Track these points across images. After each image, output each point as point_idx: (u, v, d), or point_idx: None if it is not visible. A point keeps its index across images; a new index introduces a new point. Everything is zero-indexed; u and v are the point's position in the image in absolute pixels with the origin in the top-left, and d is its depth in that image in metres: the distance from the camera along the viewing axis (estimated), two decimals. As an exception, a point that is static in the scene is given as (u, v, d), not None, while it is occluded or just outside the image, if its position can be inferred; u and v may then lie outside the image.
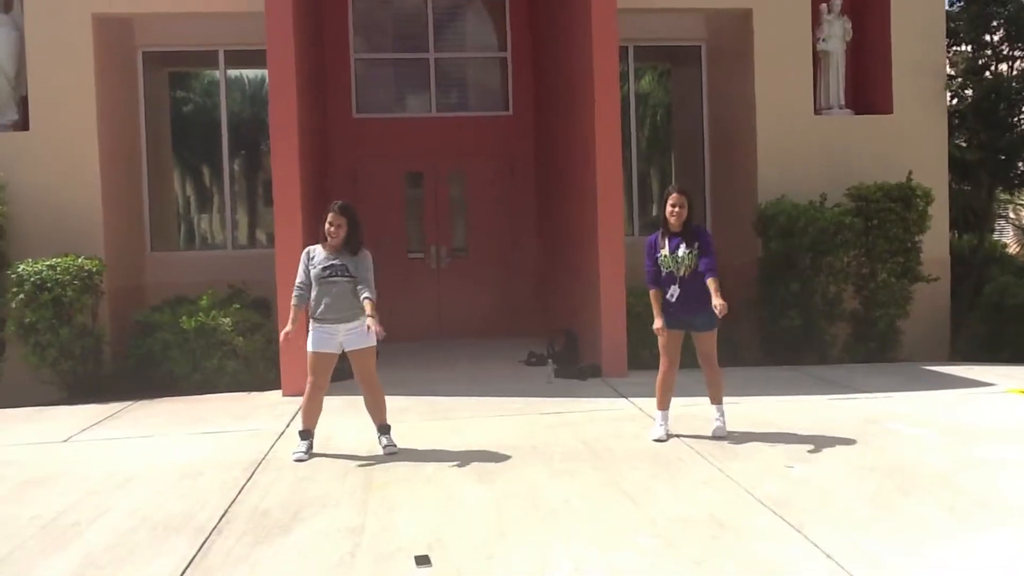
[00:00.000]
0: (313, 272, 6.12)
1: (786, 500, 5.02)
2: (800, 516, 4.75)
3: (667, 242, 6.35)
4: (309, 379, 6.22)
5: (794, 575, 4.04)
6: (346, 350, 6.23)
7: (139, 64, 11.28)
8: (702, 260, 6.31)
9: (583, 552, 4.36)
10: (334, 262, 6.12)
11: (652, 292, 6.49)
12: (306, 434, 6.30)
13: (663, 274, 6.35)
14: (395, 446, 6.31)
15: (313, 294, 6.14)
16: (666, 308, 6.39)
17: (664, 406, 6.53)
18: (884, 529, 4.54)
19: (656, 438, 6.41)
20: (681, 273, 6.29)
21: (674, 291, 6.31)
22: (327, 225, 6.13)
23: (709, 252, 6.35)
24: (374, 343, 6.20)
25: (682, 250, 6.30)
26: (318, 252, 6.20)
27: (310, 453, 6.23)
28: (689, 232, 6.37)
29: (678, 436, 6.48)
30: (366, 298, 6.07)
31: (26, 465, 6.29)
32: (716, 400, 6.52)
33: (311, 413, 6.29)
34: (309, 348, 6.17)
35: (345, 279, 6.11)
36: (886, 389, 8.14)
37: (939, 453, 5.92)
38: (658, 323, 6.40)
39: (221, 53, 11.56)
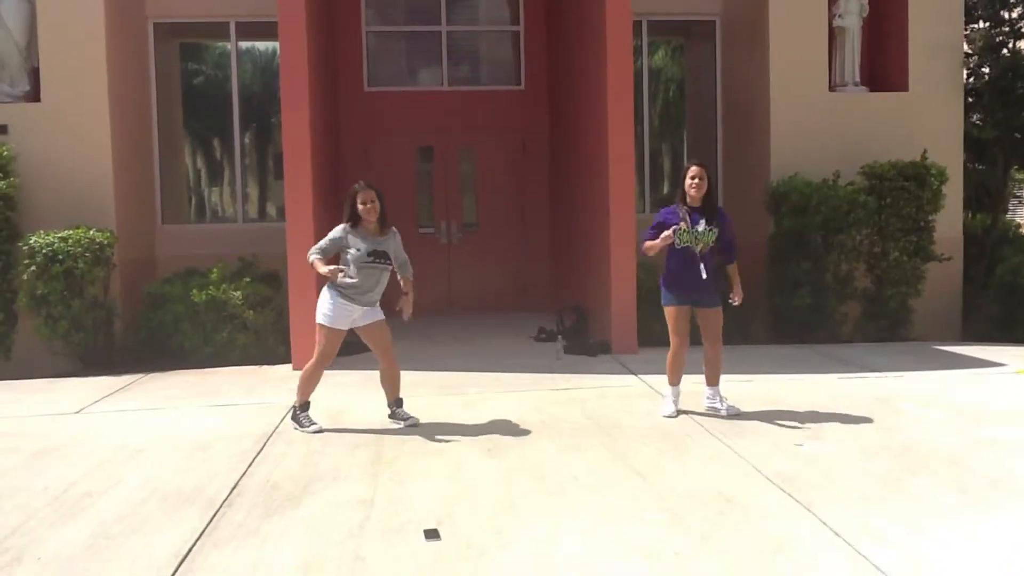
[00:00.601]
0: (354, 255, 6.04)
1: (795, 477, 5.02)
2: (808, 494, 4.75)
3: (687, 216, 6.30)
4: (321, 350, 6.16)
5: (801, 551, 4.04)
6: (356, 327, 6.25)
7: (150, 35, 11.24)
8: (725, 245, 6.40)
9: (591, 526, 4.37)
10: (377, 248, 6.10)
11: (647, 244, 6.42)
12: (307, 406, 6.33)
13: (679, 248, 6.29)
14: (412, 417, 6.36)
15: (349, 272, 6.09)
16: (681, 285, 6.35)
17: (676, 382, 6.53)
18: (893, 508, 4.54)
19: (667, 414, 6.42)
20: (699, 248, 6.27)
21: (701, 268, 6.27)
22: (360, 205, 6.05)
23: (732, 237, 6.46)
24: (383, 316, 6.25)
25: (702, 225, 6.26)
26: (357, 235, 6.10)
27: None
28: (710, 209, 6.34)
29: (687, 413, 6.49)
30: (406, 277, 6.36)
31: (38, 436, 6.33)
32: (716, 381, 6.51)
33: (313, 385, 6.30)
34: (326, 323, 6.11)
35: (386, 266, 6.16)
36: (897, 368, 8.12)
37: (949, 433, 5.91)
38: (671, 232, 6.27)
39: (232, 25, 11.51)
